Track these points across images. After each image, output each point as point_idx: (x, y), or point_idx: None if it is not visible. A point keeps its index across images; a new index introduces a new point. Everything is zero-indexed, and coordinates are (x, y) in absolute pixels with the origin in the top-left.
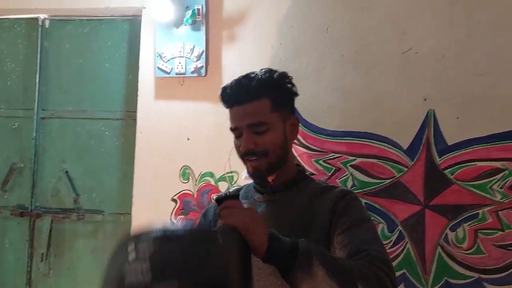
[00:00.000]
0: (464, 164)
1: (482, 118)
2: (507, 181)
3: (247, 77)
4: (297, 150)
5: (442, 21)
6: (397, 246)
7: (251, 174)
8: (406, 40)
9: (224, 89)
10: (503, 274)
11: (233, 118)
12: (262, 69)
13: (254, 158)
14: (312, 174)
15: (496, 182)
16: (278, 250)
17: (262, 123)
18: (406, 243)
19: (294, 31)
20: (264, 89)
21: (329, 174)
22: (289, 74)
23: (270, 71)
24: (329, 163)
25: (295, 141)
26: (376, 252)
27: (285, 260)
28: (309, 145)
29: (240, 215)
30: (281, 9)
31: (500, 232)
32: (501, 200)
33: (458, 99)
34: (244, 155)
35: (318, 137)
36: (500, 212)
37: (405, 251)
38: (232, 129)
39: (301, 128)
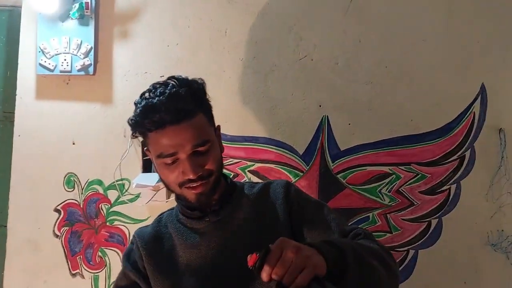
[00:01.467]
0: (355, 169)
1: (371, 125)
2: (394, 185)
3: (173, 90)
4: None
5: (336, 30)
6: None
7: (195, 201)
8: (302, 47)
9: (147, 107)
10: None
11: (167, 141)
12: (171, 79)
13: (198, 183)
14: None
15: (384, 186)
16: (333, 261)
17: (206, 141)
18: None
19: (192, 31)
20: (199, 102)
21: None
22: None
23: (185, 80)
24: (227, 169)
25: None
26: (361, 230)
27: (340, 264)
28: None
29: (302, 261)
30: (177, 8)
31: (388, 234)
32: (389, 204)
33: (349, 106)
34: (186, 183)
35: None
36: (388, 215)
37: None
38: (164, 156)
39: None
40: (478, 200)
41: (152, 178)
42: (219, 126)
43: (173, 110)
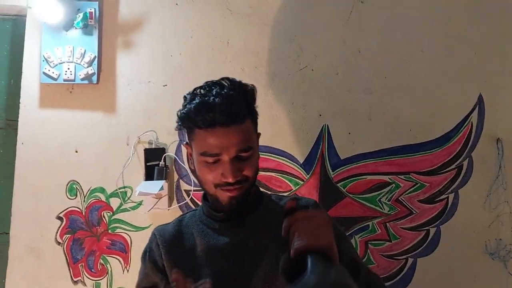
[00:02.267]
0: (355, 178)
1: (371, 134)
2: (394, 194)
3: (230, 93)
4: None
5: (336, 41)
6: None
7: (226, 204)
8: (303, 57)
9: (202, 104)
10: (389, 283)
11: (214, 141)
12: (225, 80)
13: (234, 187)
14: None
15: (384, 195)
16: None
17: (250, 148)
18: None
19: (194, 41)
20: (249, 108)
21: None
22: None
23: (239, 84)
24: None
25: None
26: (374, 273)
27: None
28: None
29: (319, 230)
30: (180, 18)
31: (387, 243)
32: (388, 212)
33: (349, 116)
34: (222, 185)
35: None
36: (387, 224)
37: None
38: (207, 154)
39: None
40: (476, 209)
41: (154, 186)
42: (259, 134)
43: (226, 112)
